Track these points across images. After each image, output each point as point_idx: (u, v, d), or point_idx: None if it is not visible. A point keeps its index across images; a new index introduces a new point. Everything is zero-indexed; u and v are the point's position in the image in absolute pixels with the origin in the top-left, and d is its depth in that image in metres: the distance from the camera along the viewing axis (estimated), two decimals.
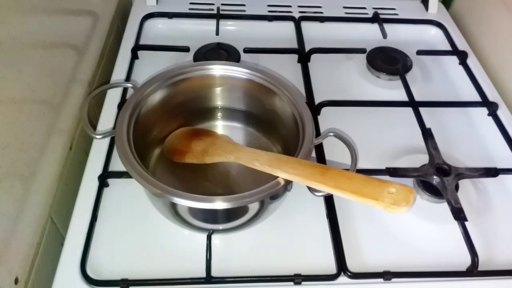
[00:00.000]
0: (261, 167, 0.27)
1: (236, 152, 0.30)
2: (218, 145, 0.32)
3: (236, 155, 0.30)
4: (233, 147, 0.31)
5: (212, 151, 0.31)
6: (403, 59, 0.50)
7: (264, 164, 0.27)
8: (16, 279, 0.30)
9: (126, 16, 0.55)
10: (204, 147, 0.32)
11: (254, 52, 0.50)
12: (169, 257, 0.33)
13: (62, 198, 0.39)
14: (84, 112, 0.34)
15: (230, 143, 0.31)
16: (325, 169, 0.22)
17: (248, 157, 0.29)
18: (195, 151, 0.33)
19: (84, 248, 0.33)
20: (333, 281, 0.32)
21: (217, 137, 0.33)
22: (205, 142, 0.33)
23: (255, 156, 0.28)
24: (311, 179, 0.22)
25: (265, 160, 0.27)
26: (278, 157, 0.27)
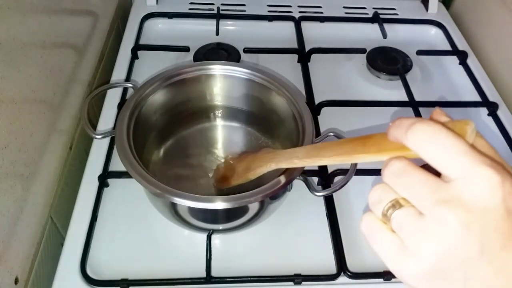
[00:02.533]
0: (301, 162, 0.25)
1: (275, 158, 0.29)
2: (259, 158, 0.31)
3: (276, 161, 0.29)
4: (272, 154, 0.30)
5: (254, 166, 0.31)
6: (403, 59, 0.50)
7: (303, 158, 0.25)
8: (16, 279, 0.30)
9: (126, 16, 0.55)
10: (246, 165, 0.32)
11: (254, 52, 0.50)
12: (169, 257, 0.33)
13: (62, 198, 0.39)
14: (84, 112, 0.34)
15: (269, 152, 0.30)
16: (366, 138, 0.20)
17: (286, 158, 0.28)
18: (239, 172, 0.32)
19: (84, 248, 0.33)
20: (333, 281, 0.32)
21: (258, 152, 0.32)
22: (247, 160, 0.33)
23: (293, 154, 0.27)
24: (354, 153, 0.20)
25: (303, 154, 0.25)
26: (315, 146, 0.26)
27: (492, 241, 0.15)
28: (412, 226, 0.16)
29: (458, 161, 0.15)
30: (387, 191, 0.17)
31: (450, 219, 0.15)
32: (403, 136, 0.16)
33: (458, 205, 0.15)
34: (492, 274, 0.15)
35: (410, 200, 0.16)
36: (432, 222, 0.15)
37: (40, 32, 0.35)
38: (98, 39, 0.49)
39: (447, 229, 0.15)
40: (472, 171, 0.15)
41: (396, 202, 0.17)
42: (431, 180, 0.16)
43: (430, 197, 0.15)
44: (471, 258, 0.15)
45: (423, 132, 0.16)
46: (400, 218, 0.16)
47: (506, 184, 0.15)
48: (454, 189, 0.15)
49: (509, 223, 0.14)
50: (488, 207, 0.15)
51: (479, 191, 0.15)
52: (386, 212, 0.17)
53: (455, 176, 0.15)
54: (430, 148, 0.16)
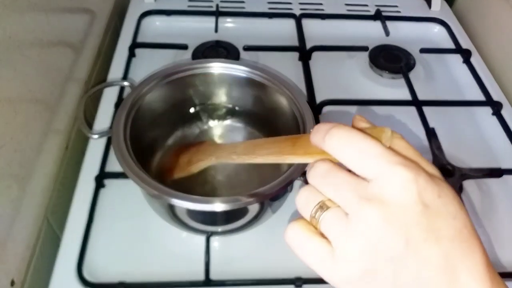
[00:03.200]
0: (239, 158, 0.25)
1: (216, 152, 0.29)
2: (201, 151, 0.31)
3: (216, 155, 0.28)
4: (214, 148, 0.30)
5: (195, 159, 0.30)
6: (406, 57, 0.49)
7: (241, 154, 0.25)
8: (12, 281, 0.30)
9: (123, 13, 0.55)
10: (189, 157, 0.32)
11: (254, 50, 0.49)
12: (167, 259, 0.33)
13: (58, 199, 0.38)
14: (80, 111, 0.33)
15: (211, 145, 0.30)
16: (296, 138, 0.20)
17: (226, 152, 0.27)
18: (181, 164, 0.32)
19: (80, 250, 0.32)
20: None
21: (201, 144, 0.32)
22: (190, 152, 0.32)
23: (232, 149, 0.27)
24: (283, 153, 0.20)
25: (242, 150, 0.25)
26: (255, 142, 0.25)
27: (415, 234, 0.15)
28: (339, 227, 0.16)
29: (373, 163, 0.16)
30: (313, 193, 0.17)
31: (373, 216, 0.15)
32: (321, 141, 0.17)
33: (379, 202, 0.15)
34: (419, 267, 0.15)
35: (336, 200, 0.17)
36: (357, 221, 0.16)
37: (36, 31, 0.35)
38: (95, 37, 0.49)
39: (371, 226, 0.15)
40: (387, 171, 0.16)
41: (323, 204, 0.17)
42: (354, 180, 0.16)
43: (354, 196, 0.16)
44: (398, 253, 0.15)
45: (339, 137, 0.17)
46: (327, 220, 0.17)
47: (419, 180, 0.15)
48: (374, 188, 0.16)
49: (428, 216, 0.15)
50: (406, 203, 0.15)
51: (396, 189, 0.15)
52: (315, 215, 0.17)
53: (373, 177, 0.16)
54: (346, 152, 0.17)
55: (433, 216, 0.15)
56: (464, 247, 0.16)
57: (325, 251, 0.17)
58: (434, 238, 0.15)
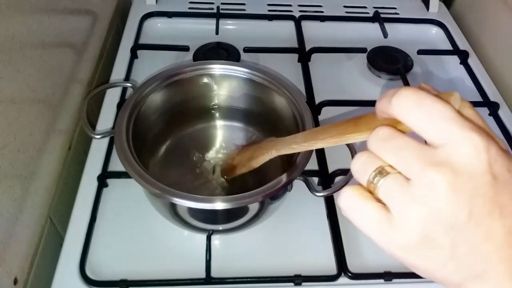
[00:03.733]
0: (299, 147, 0.25)
1: (275, 145, 0.29)
2: (261, 146, 0.31)
3: (277, 148, 0.29)
4: (273, 142, 0.30)
5: (256, 155, 0.31)
6: (404, 59, 0.50)
7: (301, 143, 0.25)
8: (15, 280, 0.30)
9: (125, 15, 0.55)
10: (250, 154, 0.32)
11: (254, 52, 0.50)
12: (168, 257, 0.33)
13: (61, 198, 0.38)
14: (83, 112, 0.34)
15: (271, 141, 0.30)
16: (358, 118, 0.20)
17: (286, 144, 0.27)
18: (243, 161, 0.32)
19: (83, 248, 0.32)
20: (333, 281, 0.32)
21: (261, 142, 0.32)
22: (251, 149, 0.33)
23: (292, 140, 0.27)
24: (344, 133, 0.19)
25: (301, 139, 0.25)
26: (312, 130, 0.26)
27: (479, 206, 0.14)
28: (400, 193, 0.15)
29: (444, 127, 0.15)
30: (372, 158, 0.16)
31: (439, 182, 0.15)
32: (388, 105, 0.16)
33: (447, 168, 0.15)
34: (479, 240, 0.15)
35: (397, 166, 0.16)
36: (421, 187, 0.15)
37: (39, 32, 0.35)
38: (98, 38, 0.49)
39: (436, 193, 0.15)
40: (459, 136, 0.15)
41: (382, 169, 0.16)
42: (418, 145, 0.15)
43: (418, 161, 0.15)
44: (459, 224, 0.15)
45: (408, 98, 0.15)
46: (387, 185, 0.16)
47: (491, 150, 0.15)
48: (442, 153, 0.15)
49: (495, 188, 0.15)
50: (475, 172, 0.15)
51: (467, 156, 0.15)
52: (373, 180, 0.16)
53: (443, 142, 0.15)
54: (416, 114, 0.15)
55: (501, 190, 0.15)
56: None
57: (383, 216, 0.16)
58: (499, 212, 0.14)
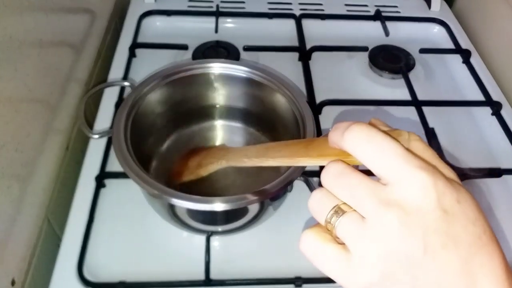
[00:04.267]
0: (250, 161, 0.25)
1: (226, 155, 0.29)
2: (211, 154, 0.31)
3: (227, 158, 0.29)
4: (224, 151, 0.30)
5: (205, 162, 0.31)
6: (406, 58, 0.49)
7: (252, 157, 0.25)
8: (13, 281, 0.30)
9: (123, 14, 0.55)
10: (199, 160, 0.32)
11: (254, 50, 0.49)
12: (167, 259, 0.33)
13: (59, 198, 0.38)
14: (81, 111, 0.33)
15: (221, 149, 0.31)
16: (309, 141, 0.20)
17: (237, 156, 0.28)
18: (191, 167, 0.32)
19: (81, 249, 0.32)
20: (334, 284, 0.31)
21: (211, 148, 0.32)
22: (200, 155, 0.33)
23: (244, 152, 0.27)
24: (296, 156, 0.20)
25: (253, 153, 0.25)
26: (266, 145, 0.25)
27: (433, 241, 0.15)
28: (356, 232, 0.16)
29: (393, 164, 0.15)
30: (327, 196, 0.17)
31: (391, 221, 0.15)
32: (340, 138, 0.17)
33: (397, 207, 0.15)
34: (437, 272, 0.15)
35: (351, 203, 0.16)
36: (375, 225, 0.15)
37: (37, 30, 0.35)
38: (96, 37, 0.49)
39: (389, 231, 0.15)
40: (407, 174, 0.15)
41: (338, 208, 0.16)
42: (370, 182, 0.16)
43: (371, 199, 0.15)
44: (416, 259, 0.15)
45: (359, 133, 0.16)
46: (344, 225, 0.16)
47: (438, 185, 0.15)
48: (392, 192, 0.15)
49: (447, 222, 0.15)
50: (425, 208, 0.15)
51: (414, 193, 0.15)
52: (330, 220, 0.16)
53: (392, 179, 0.15)
54: (366, 149, 0.16)
55: (452, 222, 0.15)
56: (483, 252, 0.15)
57: (342, 257, 0.16)
58: (453, 244, 0.15)
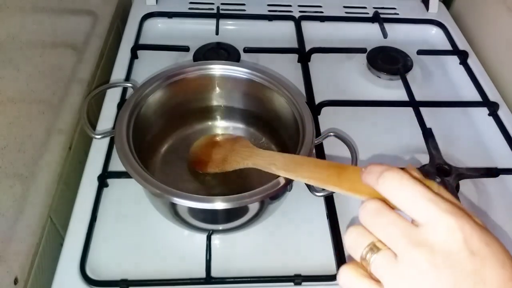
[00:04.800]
0: (278, 171, 0.27)
1: (253, 157, 0.30)
2: (236, 151, 0.32)
3: (253, 161, 0.30)
4: (250, 152, 0.31)
5: (230, 159, 0.31)
6: (404, 59, 0.50)
7: (281, 169, 0.27)
8: (16, 279, 0.30)
9: (125, 15, 0.55)
10: (224, 154, 0.32)
11: (254, 52, 0.50)
12: (169, 257, 0.33)
13: (62, 198, 0.38)
14: (83, 112, 0.34)
15: (247, 148, 0.31)
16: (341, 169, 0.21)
17: (265, 161, 0.29)
18: (216, 160, 0.33)
19: (83, 248, 0.32)
20: (333, 281, 0.32)
21: (236, 143, 0.33)
22: (225, 148, 0.33)
23: (272, 160, 0.28)
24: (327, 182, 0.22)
25: (282, 164, 0.27)
26: (294, 159, 0.27)
27: (463, 280, 0.15)
28: (389, 270, 0.17)
29: (423, 207, 0.17)
30: (363, 234, 0.18)
31: (421, 261, 0.16)
32: (375, 183, 0.18)
33: (427, 248, 0.16)
34: None
35: (385, 241, 0.17)
36: (406, 264, 0.16)
37: (39, 32, 0.35)
38: (98, 38, 0.49)
39: (419, 271, 0.16)
40: (435, 216, 0.16)
41: (373, 246, 0.18)
42: (404, 223, 0.17)
43: (403, 239, 0.17)
44: None
45: (392, 180, 0.18)
46: (378, 262, 0.17)
47: (466, 228, 0.16)
48: (422, 233, 0.16)
49: (474, 263, 0.16)
50: (453, 249, 0.16)
51: (443, 236, 0.16)
52: (365, 256, 0.18)
53: (422, 222, 0.17)
54: (399, 194, 0.17)
55: (481, 264, 0.16)
56: None
57: None
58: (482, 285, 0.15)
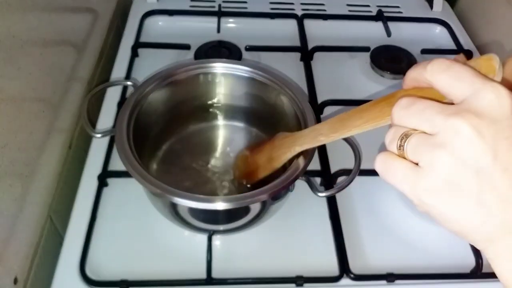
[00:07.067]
0: (328, 138, 0.25)
1: (297, 140, 0.28)
2: (278, 145, 0.30)
3: (299, 143, 0.28)
4: (292, 138, 0.29)
5: (276, 154, 0.30)
6: (408, 58, 0.49)
7: (329, 134, 0.25)
8: (15, 279, 0.30)
9: (126, 13, 0.55)
10: (268, 155, 0.32)
11: (256, 50, 0.49)
12: (169, 258, 0.33)
13: (62, 197, 0.38)
14: (83, 111, 0.34)
15: (287, 137, 0.30)
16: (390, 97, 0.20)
17: (310, 138, 0.27)
18: (262, 164, 0.32)
19: (83, 248, 0.32)
20: (335, 283, 0.31)
21: (274, 140, 0.32)
22: (266, 150, 0.32)
23: (317, 132, 0.26)
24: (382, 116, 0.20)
25: (328, 130, 0.25)
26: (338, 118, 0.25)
27: (504, 150, 0.15)
28: (424, 144, 0.16)
29: (469, 80, 0.16)
30: (397, 128, 0.17)
31: (463, 126, 0.15)
32: (423, 70, 0.17)
33: (470, 113, 0.15)
34: (506, 186, 0.15)
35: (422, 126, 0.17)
36: (445, 134, 0.16)
37: (40, 30, 0.35)
38: (98, 36, 0.49)
39: (460, 137, 0.15)
40: (483, 85, 0.16)
41: (407, 132, 0.17)
42: (440, 104, 0.16)
43: (441, 115, 0.16)
44: (485, 167, 0.15)
45: (440, 63, 0.17)
46: (413, 143, 0.17)
47: None
48: (465, 104, 0.16)
49: None
50: (498, 115, 0.15)
51: (489, 101, 0.15)
52: (401, 144, 0.17)
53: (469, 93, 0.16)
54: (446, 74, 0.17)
55: None
56: None
57: (412, 169, 0.16)
58: None
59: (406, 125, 0.17)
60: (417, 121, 0.17)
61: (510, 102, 0.15)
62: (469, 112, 0.15)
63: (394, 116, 0.17)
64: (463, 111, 0.15)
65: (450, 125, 0.15)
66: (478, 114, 0.15)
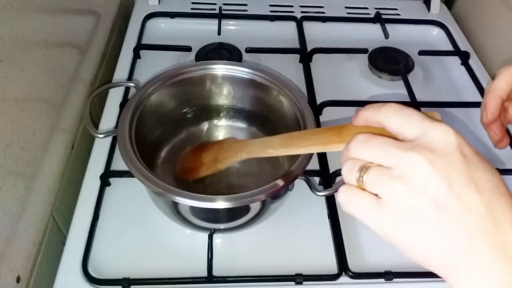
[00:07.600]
0: (276, 151, 0.26)
1: (246, 147, 0.29)
2: (226, 148, 0.31)
3: (247, 150, 0.29)
4: (242, 144, 0.30)
5: (222, 156, 0.31)
6: (405, 60, 0.50)
7: (278, 148, 0.26)
8: (18, 278, 0.31)
9: (128, 15, 0.55)
10: (214, 155, 0.32)
11: (256, 52, 0.50)
12: (170, 256, 0.33)
13: (64, 197, 0.39)
14: (86, 111, 0.34)
15: (237, 142, 0.31)
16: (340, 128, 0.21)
17: (259, 147, 0.28)
18: (206, 163, 0.33)
19: (85, 247, 0.33)
20: (334, 281, 0.32)
21: (223, 142, 0.33)
22: (213, 151, 0.33)
23: (266, 143, 0.27)
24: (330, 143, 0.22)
25: (278, 144, 0.26)
26: (289, 135, 0.26)
27: (456, 179, 0.16)
28: (382, 177, 0.17)
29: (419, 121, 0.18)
30: (354, 161, 0.19)
31: (418, 159, 0.17)
32: (377, 112, 0.19)
33: (423, 148, 0.17)
34: (461, 211, 0.16)
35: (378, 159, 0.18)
36: (401, 167, 0.17)
37: (42, 31, 0.35)
38: (100, 38, 0.49)
39: (416, 168, 0.16)
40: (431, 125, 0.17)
41: (364, 166, 0.18)
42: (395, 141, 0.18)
43: (397, 150, 0.17)
44: (440, 195, 0.16)
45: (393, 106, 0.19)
46: (371, 175, 0.18)
47: (459, 136, 0.17)
48: (417, 140, 0.17)
49: (467, 165, 0.16)
50: (447, 150, 0.17)
51: (438, 137, 0.17)
52: (359, 178, 0.18)
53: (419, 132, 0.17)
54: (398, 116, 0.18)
55: (473, 167, 0.16)
56: (503, 201, 0.16)
57: (373, 201, 0.17)
58: (475, 187, 0.16)
59: (364, 158, 0.18)
60: (375, 154, 0.18)
61: (456, 138, 0.17)
62: (422, 147, 0.17)
63: (352, 149, 0.19)
64: (417, 146, 0.17)
65: (406, 158, 0.17)
66: (430, 149, 0.17)
